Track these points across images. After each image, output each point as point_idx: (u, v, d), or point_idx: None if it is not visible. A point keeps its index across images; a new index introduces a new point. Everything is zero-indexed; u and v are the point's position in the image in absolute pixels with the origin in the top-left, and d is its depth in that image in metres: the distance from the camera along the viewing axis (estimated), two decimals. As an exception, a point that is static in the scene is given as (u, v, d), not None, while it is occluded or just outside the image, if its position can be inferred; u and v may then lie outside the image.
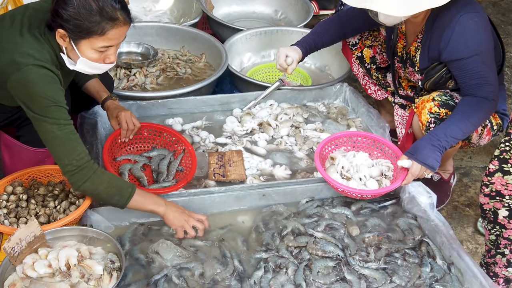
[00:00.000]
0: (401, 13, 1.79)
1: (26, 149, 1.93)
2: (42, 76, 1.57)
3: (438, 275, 1.70)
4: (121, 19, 1.59)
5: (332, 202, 1.99)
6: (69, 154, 1.61)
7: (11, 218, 1.73)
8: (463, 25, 1.84)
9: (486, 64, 1.88)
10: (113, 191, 1.68)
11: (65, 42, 1.61)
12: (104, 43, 1.60)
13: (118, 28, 1.59)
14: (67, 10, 1.54)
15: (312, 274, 1.68)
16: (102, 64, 1.66)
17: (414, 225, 1.90)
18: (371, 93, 2.50)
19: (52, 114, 1.58)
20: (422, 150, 1.85)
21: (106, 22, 1.56)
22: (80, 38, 1.59)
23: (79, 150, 1.62)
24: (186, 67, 2.82)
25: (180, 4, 3.36)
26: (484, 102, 1.88)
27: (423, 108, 1.99)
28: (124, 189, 1.69)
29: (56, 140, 1.60)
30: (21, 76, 1.56)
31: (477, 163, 2.66)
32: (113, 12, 1.57)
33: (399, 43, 2.16)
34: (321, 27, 2.37)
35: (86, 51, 1.62)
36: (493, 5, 4.31)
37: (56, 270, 1.54)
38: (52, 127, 1.58)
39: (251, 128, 2.37)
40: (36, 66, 1.56)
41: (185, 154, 2.08)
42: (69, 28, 1.57)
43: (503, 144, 1.64)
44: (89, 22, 1.55)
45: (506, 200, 1.71)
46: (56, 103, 1.58)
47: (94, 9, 1.55)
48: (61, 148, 1.61)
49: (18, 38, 1.61)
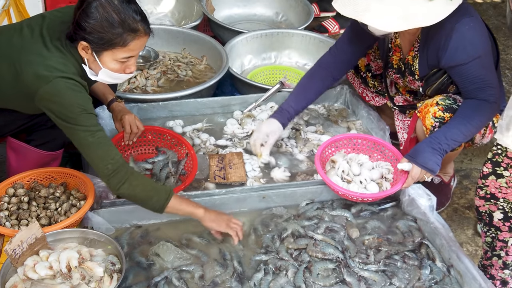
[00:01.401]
0: (396, 28, 1.79)
1: (34, 151, 1.95)
2: (70, 86, 1.60)
3: (437, 277, 1.70)
4: (142, 30, 1.63)
5: (332, 205, 2.00)
6: (104, 158, 1.63)
7: (12, 220, 1.73)
8: (460, 31, 1.84)
9: (486, 68, 1.89)
10: (151, 193, 1.68)
11: (87, 53, 1.65)
12: (125, 54, 1.64)
13: (139, 39, 1.64)
14: (89, 22, 1.58)
15: (312, 276, 1.69)
16: (123, 74, 1.70)
17: (414, 228, 1.90)
18: (369, 100, 2.50)
19: (83, 121, 1.61)
20: (422, 153, 1.85)
21: (128, 34, 1.60)
22: (102, 49, 1.62)
23: (113, 154, 1.64)
24: (187, 70, 2.83)
25: (181, 7, 3.37)
26: (485, 105, 1.88)
27: (427, 113, 1.99)
28: (161, 191, 1.69)
29: (89, 146, 1.63)
30: (50, 88, 1.58)
31: (477, 165, 2.66)
32: (135, 23, 1.60)
33: (395, 55, 2.16)
34: (304, 85, 2.23)
35: (108, 62, 1.65)
36: (494, 7, 4.31)
37: (57, 272, 1.55)
38: (85, 134, 1.62)
39: (251, 130, 2.38)
40: (63, 78, 1.60)
41: (188, 158, 2.09)
42: (91, 40, 1.60)
43: (495, 147, 1.64)
44: (112, 34, 1.58)
45: (500, 203, 1.71)
46: (86, 111, 1.62)
47: (116, 21, 1.58)
48: (95, 154, 1.64)
49: (43, 51, 1.63)
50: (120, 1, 1.60)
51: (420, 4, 1.76)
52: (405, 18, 1.76)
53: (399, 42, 2.12)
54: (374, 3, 1.78)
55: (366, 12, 1.78)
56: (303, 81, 2.26)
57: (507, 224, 1.74)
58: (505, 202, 1.70)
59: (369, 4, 1.78)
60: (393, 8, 1.76)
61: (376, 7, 1.77)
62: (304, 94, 2.23)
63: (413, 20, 1.77)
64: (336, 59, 2.24)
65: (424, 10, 1.76)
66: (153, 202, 1.68)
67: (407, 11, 1.76)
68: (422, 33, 1.98)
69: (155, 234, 1.84)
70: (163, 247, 1.74)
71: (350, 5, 1.82)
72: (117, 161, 1.65)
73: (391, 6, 1.76)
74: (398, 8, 1.76)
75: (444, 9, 1.78)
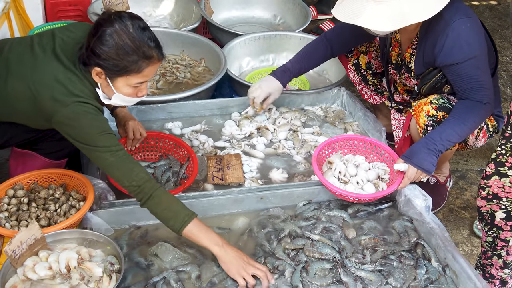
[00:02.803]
0: (387, 28, 1.82)
1: (40, 158, 1.96)
2: (87, 110, 1.62)
3: (433, 277, 1.71)
4: (156, 56, 1.65)
5: (329, 205, 2.02)
6: (128, 176, 1.64)
7: (12, 221, 1.75)
8: (456, 31, 1.87)
9: (480, 68, 1.90)
10: (170, 215, 1.65)
11: (101, 79, 1.66)
12: (139, 80, 1.66)
13: (153, 65, 1.66)
14: (104, 50, 1.59)
15: (309, 276, 1.70)
16: (135, 97, 1.73)
17: (410, 228, 1.92)
18: (368, 98, 2.53)
19: (103, 142, 1.63)
20: (418, 154, 1.87)
21: (143, 61, 1.62)
22: (116, 75, 1.64)
23: (136, 170, 1.65)
24: (186, 72, 2.85)
25: (180, 9, 3.39)
26: (479, 106, 1.90)
27: (420, 111, 2.01)
28: (180, 216, 1.64)
29: (112, 166, 1.65)
30: (68, 112, 1.60)
31: (473, 166, 2.69)
32: (149, 50, 1.62)
33: (394, 51, 2.19)
34: (305, 52, 2.35)
35: (122, 87, 1.67)
36: (490, 9, 4.34)
37: (56, 272, 1.56)
38: (106, 155, 1.63)
39: (249, 132, 2.40)
40: (80, 103, 1.61)
41: (189, 162, 2.11)
42: (106, 67, 1.62)
43: (499, 147, 1.66)
44: (127, 61, 1.60)
45: (503, 203, 1.73)
46: (105, 131, 1.63)
47: (131, 49, 1.60)
48: (118, 172, 1.66)
49: (59, 75, 1.63)
50: (135, 28, 1.61)
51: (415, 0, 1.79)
52: (402, 15, 1.78)
53: (399, 37, 2.14)
54: (370, 4, 1.80)
55: (361, 15, 1.81)
56: (308, 47, 2.37)
57: (509, 224, 1.76)
58: (508, 202, 1.72)
59: (365, 6, 1.81)
60: (390, 7, 1.79)
61: (372, 8, 1.80)
62: (308, 60, 2.35)
63: (410, 16, 1.79)
64: (338, 35, 2.31)
65: (420, 5, 1.79)
66: (170, 224, 1.66)
67: (403, 8, 1.78)
68: (421, 31, 2.00)
69: (154, 234, 1.85)
70: (162, 247, 1.75)
71: (346, 9, 1.85)
72: (142, 178, 1.64)
73: (387, 6, 1.79)
74: (395, 6, 1.78)
75: (440, 0, 1.80)
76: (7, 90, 1.66)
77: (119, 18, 1.60)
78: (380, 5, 1.80)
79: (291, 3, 3.46)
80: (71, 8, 3.11)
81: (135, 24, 1.61)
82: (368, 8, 1.81)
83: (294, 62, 2.34)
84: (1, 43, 1.76)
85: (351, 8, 1.85)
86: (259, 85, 2.33)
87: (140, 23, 1.63)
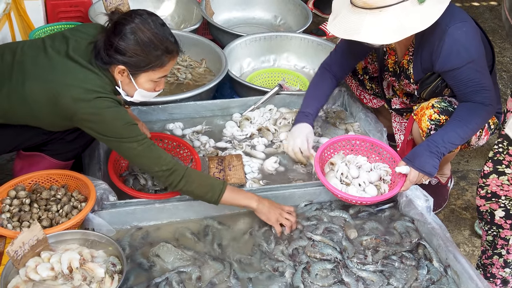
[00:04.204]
0: (387, 41, 1.81)
1: (47, 159, 1.96)
2: (109, 104, 1.64)
3: (434, 277, 1.72)
4: (176, 51, 1.70)
5: (330, 206, 2.02)
6: (157, 162, 1.70)
7: (14, 222, 1.75)
8: (452, 36, 1.86)
9: (479, 71, 1.90)
10: (206, 188, 1.76)
11: (123, 76, 1.68)
12: (161, 74, 1.71)
13: (174, 60, 1.71)
14: (130, 47, 1.62)
15: (310, 276, 1.70)
16: (154, 92, 1.77)
17: (411, 228, 1.92)
18: (367, 102, 2.53)
19: (128, 133, 1.66)
20: (420, 156, 1.86)
21: (166, 56, 1.66)
22: (140, 72, 1.67)
23: (164, 156, 1.72)
24: (187, 73, 2.85)
25: (181, 10, 3.40)
26: (481, 108, 1.90)
27: (422, 115, 2.01)
28: (216, 186, 1.77)
29: (140, 155, 1.69)
30: (90, 108, 1.62)
31: (474, 166, 2.69)
32: (171, 45, 1.67)
33: (390, 59, 2.18)
34: (314, 91, 2.27)
35: (144, 83, 1.71)
36: (490, 10, 4.34)
37: (58, 273, 1.57)
38: (133, 145, 1.67)
39: (250, 133, 2.40)
40: (102, 98, 1.63)
41: (192, 164, 2.11)
42: (130, 64, 1.64)
43: (496, 146, 1.67)
44: (152, 56, 1.64)
45: (502, 201, 1.73)
46: (129, 122, 1.66)
47: (155, 44, 1.63)
48: (147, 160, 1.70)
49: (78, 74, 1.65)
50: (155, 24, 1.65)
51: (413, 10, 1.77)
52: (401, 27, 1.77)
53: (394, 45, 2.13)
54: (367, 18, 1.78)
55: (360, 29, 1.79)
56: (315, 86, 2.30)
57: (508, 222, 1.76)
58: (506, 200, 1.72)
59: (362, 19, 1.79)
60: (387, 20, 1.77)
61: (369, 21, 1.78)
62: (316, 97, 2.27)
63: (409, 27, 1.78)
64: (336, 62, 2.28)
65: (417, 15, 1.78)
66: (208, 197, 1.77)
67: (401, 19, 1.77)
68: (416, 37, 1.99)
69: (155, 235, 1.86)
70: (163, 248, 1.76)
71: (343, 25, 1.84)
72: (170, 162, 1.72)
73: (384, 18, 1.77)
74: (393, 19, 1.77)
75: (436, 9, 1.79)
76: (25, 93, 1.66)
77: (139, 15, 1.64)
78: (377, 17, 1.77)
79: (292, 4, 3.47)
80: (72, 9, 3.11)
81: (155, 21, 1.66)
82: (366, 21, 1.78)
83: (310, 105, 2.23)
84: (10, 47, 1.76)
85: (348, 23, 1.83)
86: (291, 137, 2.15)
87: (159, 20, 1.69)
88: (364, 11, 1.79)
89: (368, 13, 1.78)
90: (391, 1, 1.75)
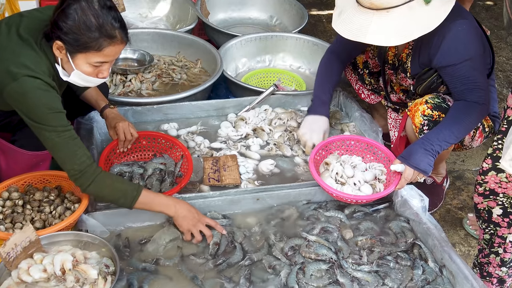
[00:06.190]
0: (395, 43, 1.81)
1: (21, 152, 1.94)
2: (37, 85, 1.60)
3: (430, 277, 1.71)
4: (119, 37, 1.64)
5: (326, 206, 2.01)
6: (70, 159, 1.64)
7: (6, 223, 1.74)
8: (452, 32, 1.87)
9: (476, 70, 1.91)
10: (118, 194, 1.72)
11: (61, 53, 1.65)
12: (99, 58, 1.65)
13: (115, 46, 1.64)
14: (67, 23, 1.58)
15: (305, 277, 1.70)
16: (95, 78, 1.71)
17: (407, 228, 1.92)
18: (365, 98, 2.53)
19: (50, 121, 1.61)
20: (415, 154, 1.87)
21: (104, 39, 1.61)
22: (76, 51, 1.63)
23: (79, 154, 1.65)
24: (182, 73, 2.84)
25: (176, 11, 3.39)
26: (475, 106, 1.90)
27: (416, 111, 2.01)
28: (128, 192, 1.73)
29: (56, 146, 1.64)
30: (17, 86, 1.58)
31: (470, 166, 2.69)
32: (112, 30, 1.62)
33: (390, 51, 2.19)
34: (323, 75, 2.33)
35: (81, 64, 1.66)
36: (486, 10, 4.35)
37: (51, 275, 1.55)
38: (51, 134, 1.61)
39: (245, 133, 2.39)
40: (31, 77, 1.59)
41: (183, 160, 2.10)
42: (67, 41, 1.61)
43: (495, 142, 1.66)
44: (88, 37, 1.59)
45: (500, 198, 1.73)
46: (53, 110, 1.61)
47: (94, 25, 1.59)
48: (61, 154, 1.65)
49: (16, 48, 1.64)
50: (101, 6, 1.61)
51: (419, 11, 1.78)
52: (408, 29, 1.77)
53: None
54: (374, 19, 1.78)
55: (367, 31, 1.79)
56: (323, 70, 2.34)
57: (506, 220, 1.76)
58: (504, 197, 1.72)
59: (368, 21, 1.79)
60: (394, 22, 1.77)
61: (376, 22, 1.78)
62: (330, 82, 2.31)
63: (415, 30, 1.78)
64: (342, 47, 2.30)
65: (423, 16, 1.78)
66: (120, 202, 1.73)
67: (407, 21, 1.77)
68: None
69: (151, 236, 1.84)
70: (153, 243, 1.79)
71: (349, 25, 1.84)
72: (84, 162, 1.66)
73: (391, 19, 1.77)
74: (399, 21, 1.77)
75: (442, 9, 1.80)
76: None
77: None
78: (384, 18, 1.78)
79: (287, 4, 3.47)
80: (67, 10, 3.10)
81: (101, 2, 1.62)
82: (373, 23, 1.78)
83: (323, 90, 2.28)
84: None
85: (353, 23, 1.83)
86: (309, 129, 2.21)
87: (106, 2, 1.64)
88: (371, 11, 1.79)
89: (375, 14, 1.78)
90: (398, 2, 1.75)
